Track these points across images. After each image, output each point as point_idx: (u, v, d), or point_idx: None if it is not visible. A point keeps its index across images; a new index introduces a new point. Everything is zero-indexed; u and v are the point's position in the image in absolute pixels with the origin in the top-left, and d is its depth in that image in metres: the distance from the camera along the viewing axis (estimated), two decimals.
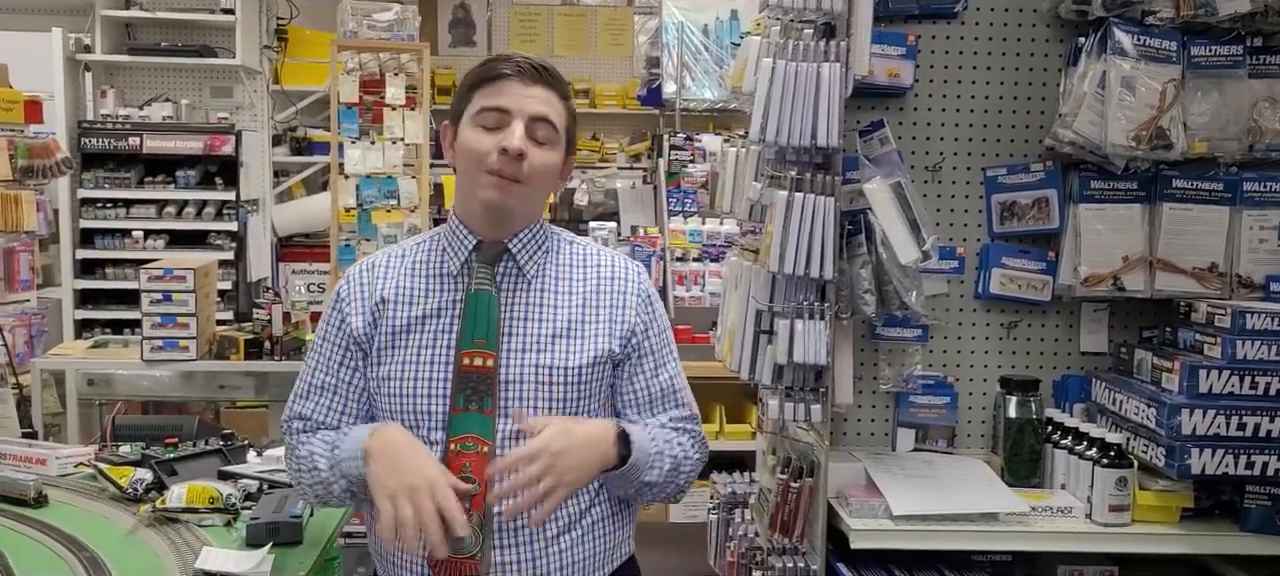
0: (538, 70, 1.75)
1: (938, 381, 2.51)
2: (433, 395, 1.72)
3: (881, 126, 2.42)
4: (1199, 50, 2.34)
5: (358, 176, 4.06)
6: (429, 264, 1.79)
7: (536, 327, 1.75)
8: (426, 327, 1.75)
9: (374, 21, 4.16)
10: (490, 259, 1.76)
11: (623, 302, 1.81)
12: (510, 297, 1.76)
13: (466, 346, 1.71)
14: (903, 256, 2.29)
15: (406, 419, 1.73)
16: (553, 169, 1.77)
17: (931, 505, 2.23)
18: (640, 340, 1.82)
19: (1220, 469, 2.14)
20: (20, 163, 4.08)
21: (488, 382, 1.70)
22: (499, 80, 1.73)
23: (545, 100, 1.75)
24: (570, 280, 1.80)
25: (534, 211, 1.81)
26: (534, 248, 1.80)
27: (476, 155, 1.71)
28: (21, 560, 2.00)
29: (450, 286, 1.77)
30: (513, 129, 1.70)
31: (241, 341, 4.06)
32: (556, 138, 1.76)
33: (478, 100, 1.74)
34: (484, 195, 1.72)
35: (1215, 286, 2.39)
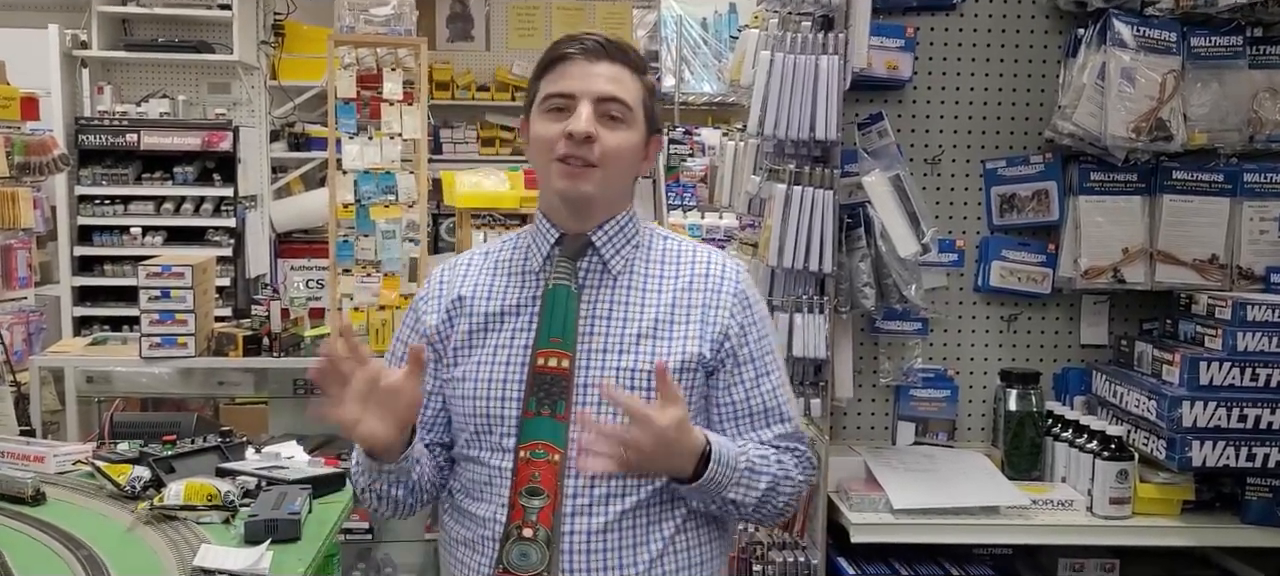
0: (603, 45, 1.61)
1: (938, 375, 2.50)
2: (506, 398, 1.59)
3: (880, 119, 2.41)
4: (1199, 41, 2.33)
5: (356, 172, 4.04)
6: (513, 261, 1.69)
7: (620, 327, 1.61)
8: (504, 326, 1.63)
9: (371, 16, 4.14)
10: (572, 253, 1.63)
11: (716, 302, 1.63)
12: (593, 295, 1.62)
13: (542, 346, 1.57)
14: (902, 249, 2.29)
15: (478, 423, 1.61)
16: (630, 150, 1.61)
17: (932, 499, 2.22)
18: (736, 345, 1.63)
19: (1221, 461, 2.14)
20: (17, 159, 4.07)
21: (562, 385, 1.55)
22: (562, 62, 1.61)
23: (613, 77, 1.60)
24: (660, 277, 1.65)
25: (618, 200, 1.65)
26: (621, 241, 1.65)
27: (545, 144, 1.59)
28: (20, 558, 2.00)
29: (532, 283, 1.65)
30: (578, 112, 1.57)
31: (240, 338, 4.04)
32: (631, 115, 1.60)
33: (543, 87, 1.62)
34: (557, 185, 1.59)
35: (1216, 278, 2.39)
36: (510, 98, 7.47)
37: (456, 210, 4.25)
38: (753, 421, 1.64)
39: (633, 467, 1.47)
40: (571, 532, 1.54)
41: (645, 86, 1.65)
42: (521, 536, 1.50)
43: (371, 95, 4.12)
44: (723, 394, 1.64)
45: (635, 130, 1.62)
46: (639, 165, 1.65)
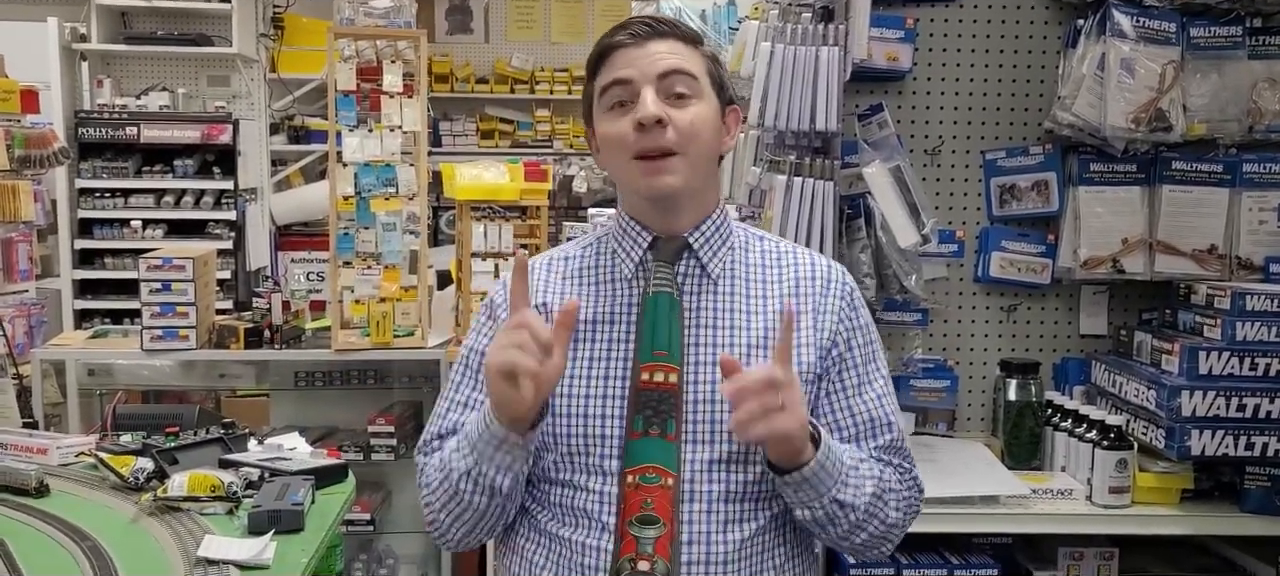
0: (651, 25, 1.48)
1: (937, 365, 2.51)
2: (606, 416, 1.44)
3: (880, 110, 2.42)
4: (1198, 31, 2.34)
5: (356, 164, 4.04)
6: (598, 267, 1.54)
7: (728, 338, 1.47)
8: (597, 337, 1.48)
9: (371, 8, 4.14)
10: (669, 257, 1.48)
11: (824, 305, 1.51)
12: (694, 303, 1.48)
13: (646, 359, 1.42)
14: (902, 240, 2.30)
15: (573, 443, 1.46)
16: (707, 124, 1.46)
17: (932, 488, 2.21)
18: (843, 351, 1.51)
19: (1220, 450, 2.14)
20: (17, 153, 4.07)
21: (671, 402, 1.40)
22: (612, 53, 1.48)
23: (670, 51, 1.46)
24: (763, 282, 1.52)
25: (706, 189, 1.51)
26: (718, 242, 1.51)
27: (616, 144, 1.45)
28: (24, 549, 2.00)
29: (624, 290, 1.50)
30: (643, 97, 1.43)
31: (241, 330, 4.05)
32: (698, 86, 1.47)
33: (599, 83, 1.49)
34: (639, 186, 1.45)
35: (1215, 268, 2.39)
36: (509, 90, 7.47)
37: (457, 202, 4.25)
38: (857, 432, 1.52)
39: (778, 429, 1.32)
40: (690, 562, 1.40)
41: (707, 55, 1.52)
42: (637, 570, 1.34)
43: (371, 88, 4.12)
44: (823, 403, 1.52)
45: (707, 102, 1.48)
46: (720, 141, 1.50)
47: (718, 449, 1.43)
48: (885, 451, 1.52)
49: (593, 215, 5.38)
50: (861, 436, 1.51)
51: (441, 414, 1.56)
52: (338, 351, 3.90)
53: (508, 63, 7.54)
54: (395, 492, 4.07)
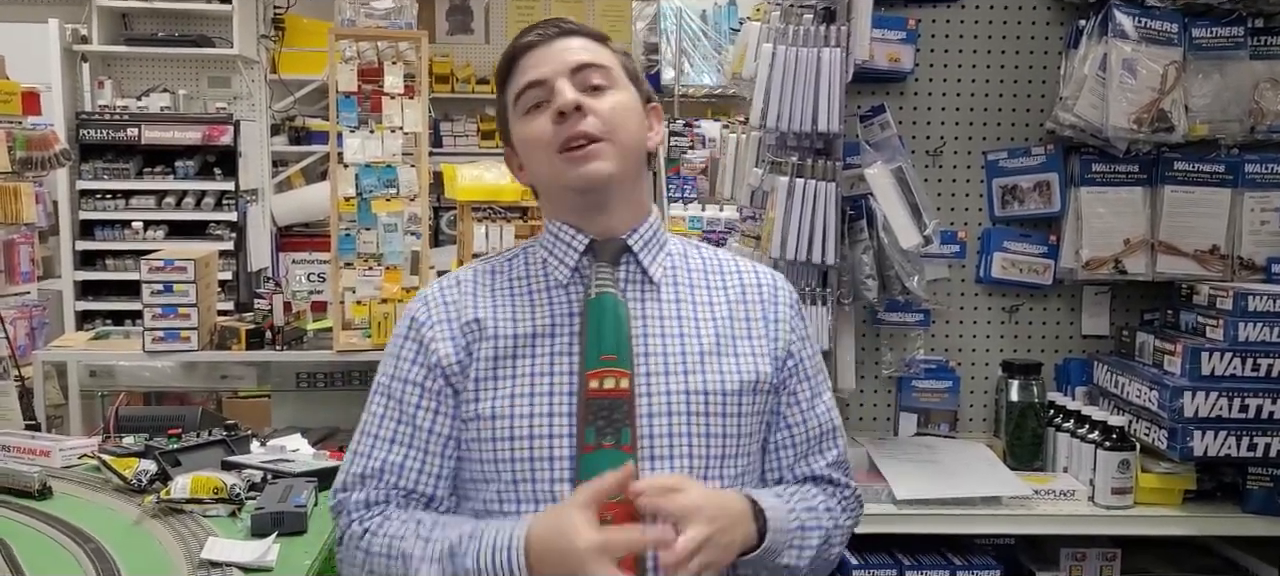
0: (558, 24, 1.44)
1: (939, 366, 2.51)
2: (553, 436, 1.35)
3: (882, 111, 2.42)
4: (1200, 32, 2.34)
5: (357, 165, 4.04)
6: (529, 277, 1.45)
7: (678, 344, 1.40)
8: (538, 350, 1.38)
9: (372, 9, 4.14)
10: (610, 258, 1.42)
11: (775, 314, 1.47)
12: (639, 309, 1.41)
13: (593, 365, 1.33)
14: (904, 241, 2.30)
15: (519, 470, 1.35)
16: (629, 110, 1.41)
17: (934, 489, 2.23)
18: (797, 361, 1.47)
19: (1222, 451, 2.14)
20: (19, 154, 4.07)
21: (624, 409, 1.32)
22: (521, 56, 1.43)
23: (581, 47, 1.42)
24: (708, 288, 1.46)
25: (637, 185, 1.45)
26: (656, 247, 1.46)
27: (537, 144, 1.39)
28: (27, 551, 2.00)
29: (561, 298, 1.42)
30: (557, 89, 1.38)
31: (243, 331, 4.05)
32: (613, 76, 1.42)
33: (510, 92, 1.44)
34: (570, 176, 1.38)
35: (1217, 269, 2.39)
36: None
37: (458, 203, 4.25)
38: (809, 446, 1.49)
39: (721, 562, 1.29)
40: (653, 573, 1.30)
41: (618, 51, 1.47)
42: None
43: (372, 89, 4.13)
44: (780, 417, 1.48)
45: (626, 92, 1.43)
46: (645, 134, 1.45)
47: (677, 465, 1.36)
48: (834, 467, 1.51)
49: None
50: (813, 451, 1.49)
51: (364, 452, 1.43)
52: (339, 352, 3.90)
53: None
54: None
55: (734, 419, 1.40)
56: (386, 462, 1.41)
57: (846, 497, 1.53)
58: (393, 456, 1.41)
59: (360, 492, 1.41)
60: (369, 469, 1.42)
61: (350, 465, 1.44)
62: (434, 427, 1.41)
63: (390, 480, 1.40)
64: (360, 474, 1.42)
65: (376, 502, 1.40)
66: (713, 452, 1.39)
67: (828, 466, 1.51)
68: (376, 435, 1.43)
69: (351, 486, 1.43)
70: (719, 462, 1.39)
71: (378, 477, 1.41)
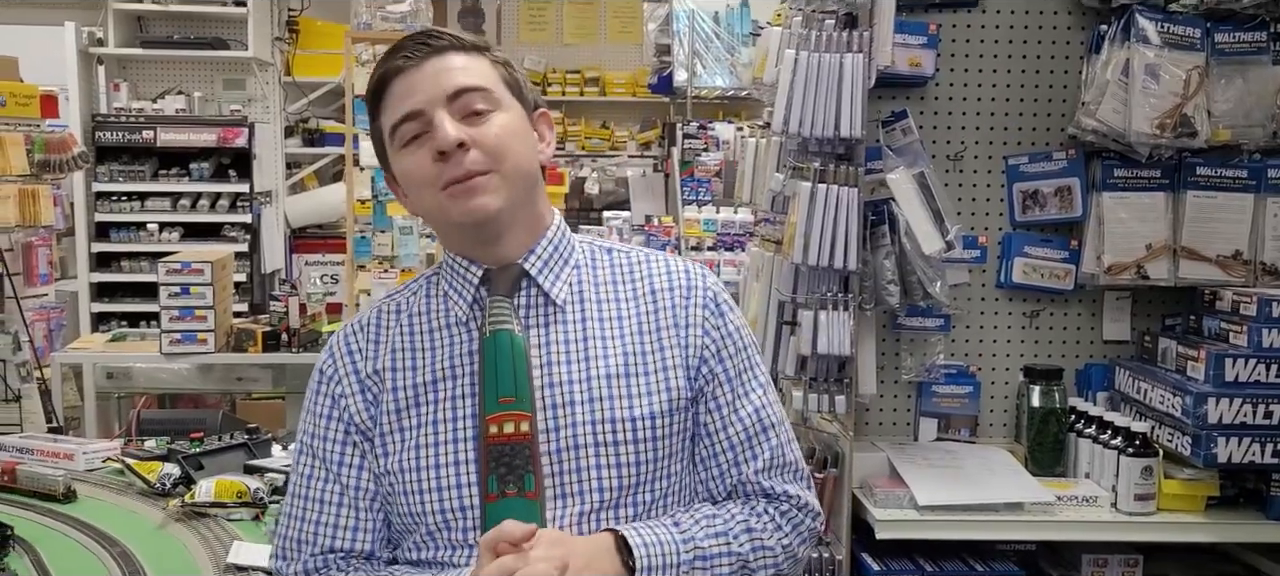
0: (427, 41, 1.32)
1: (960, 371, 2.51)
2: (462, 485, 1.30)
3: (904, 116, 2.42)
4: (1223, 37, 2.33)
5: (373, 168, 4.06)
6: (431, 313, 1.38)
7: (583, 370, 1.32)
8: (439, 395, 1.33)
9: (388, 12, 4.16)
10: (505, 289, 1.33)
11: (685, 318, 1.37)
12: (542, 337, 1.34)
13: (491, 409, 1.26)
14: (926, 246, 2.30)
15: (431, 521, 1.31)
16: (515, 133, 1.32)
17: (956, 495, 2.23)
18: (713, 366, 1.37)
19: (1247, 457, 2.14)
20: (37, 157, 4.09)
21: (526, 454, 1.25)
22: (391, 82, 1.32)
23: (454, 68, 1.31)
24: (617, 300, 1.38)
25: (535, 206, 1.37)
26: (558, 263, 1.37)
27: (422, 181, 1.30)
28: (54, 555, 2.01)
29: (461, 337, 1.35)
30: (437, 122, 1.28)
31: (259, 333, 4.07)
32: (495, 98, 1.32)
33: (386, 122, 1.33)
34: (457, 216, 1.30)
35: (1239, 274, 2.39)
36: None
37: None
38: (735, 453, 1.38)
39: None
40: None
41: (498, 62, 1.37)
42: None
43: None
44: (703, 426, 1.38)
45: (510, 110, 1.33)
46: (535, 149, 1.36)
47: (588, 499, 1.31)
48: (767, 473, 1.39)
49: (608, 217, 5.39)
50: (741, 459, 1.38)
51: (297, 515, 1.38)
52: None
53: (520, 64, 7.54)
54: None
55: (647, 444, 1.33)
56: (320, 524, 1.36)
57: (784, 511, 1.40)
58: (325, 517, 1.36)
59: (297, 562, 1.37)
60: (303, 534, 1.37)
61: (285, 529, 1.39)
62: (360, 483, 1.36)
63: (325, 542, 1.36)
64: (296, 539, 1.37)
65: (315, 570, 1.36)
66: (625, 481, 1.32)
67: (758, 472, 1.38)
68: (306, 496, 1.38)
69: (289, 554, 1.37)
70: (632, 491, 1.33)
71: (312, 542, 1.36)
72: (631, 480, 1.32)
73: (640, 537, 1.29)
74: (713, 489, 1.41)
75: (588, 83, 7.49)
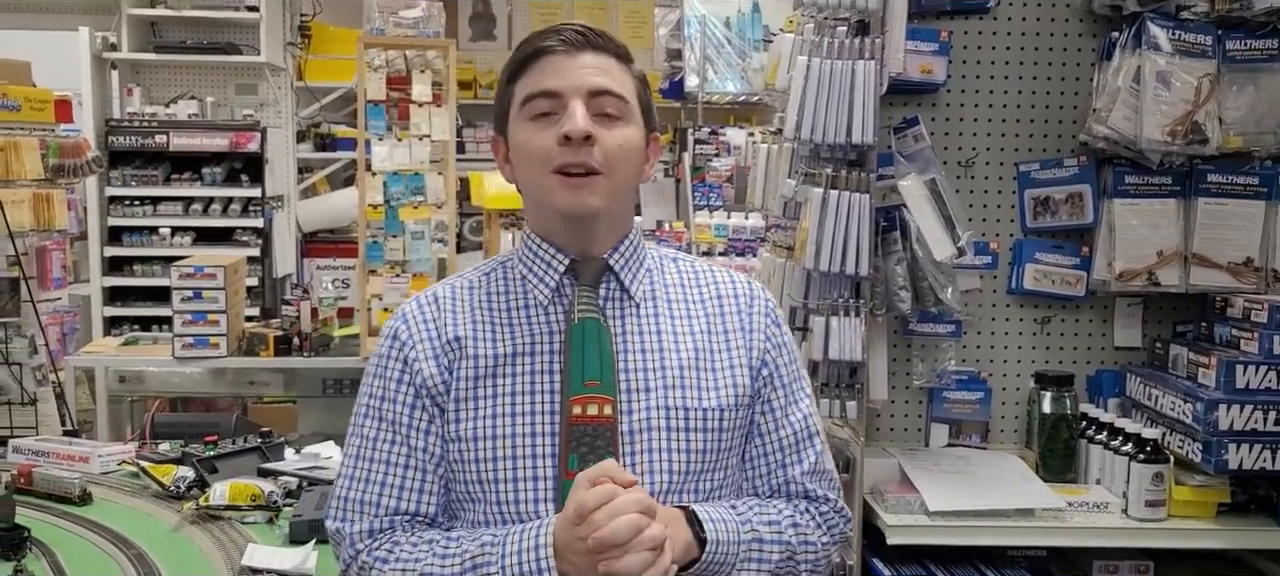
0: (585, 34, 1.40)
1: (971, 377, 2.51)
2: (537, 457, 1.35)
3: (915, 123, 2.43)
4: (1234, 44, 2.33)
5: (385, 173, 4.08)
6: (508, 293, 1.44)
7: (657, 360, 1.40)
8: (517, 370, 1.38)
9: (400, 19, 4.18)
10: (591, 280, 1.41)
11: (750, 324, 1.47)
12: (619, 327, 1.41)
13: (576, 391, 1.34)
14: (938, 253, 2.30)
15: (502, 492, 1.36)
16: (633, 149, 1.40)
17: (967, 501, 2.23)
18: (772, 370, 1.46)
19: (1258, 464, 2.14)
20: (52, 162, 4.12)
21: (607, 436, 1.33)
22: (540, 58, 1.39)
23: (602, 68, 1.39)
24: (686, 301, 1.46)
25: (626, 212, 1.46)
26: (636, 264, 1.46)
27: (536, 156, 1.37)
28: (71, 557, 2.03)
29: (541, 317, 1.41)
30: (572, 110, 1.35)
31: (271, 338, 4.09)
32: (628, 110, 1.40)
33: (520, 90, 1.40)
34: (559, 202, 1.37)
35: (1251, 281, 2.39)
36: None
37: (485, 211, 4.28)
38: (783, 454, 1.47)
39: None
40: None
41: (636, 77, 1.45)
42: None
43: (400, 97, 4.16)
44: (756, 425, 1.47)
45: (635, 127, 1.41)
46: (641, 171, 1.44)
47: (657, 480, 1.37)
48: (811, 476, 1.48)
49: None
50: (788, 460, 1.47)
51: (361, 476, 1.40)
52: (366, 359, 3.92)
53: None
54: None
55: (714, 433, 1.41)
56: (386, 485, 1.39)
57: (824, 513, 1.49)
58: (391, 479, 1.39)
59: (361, 522, 1.39)
60: (367, 495, 1.39)
61: (346, 491, 1.41)
62: (427, 447, 1.39)
63: (390, 504, 1.39)
64: (359, 500, 1.39)
65: (380, 531, 1.38)
66: (692, 467, 1.39)
67: (803, 475, 1.47)
68: (372, 458, 1.40)
69: (351, 515, 1.40)
70: (695, 477, 1.40)
71: (377, 504, 1.39)
72: (697, 466, 1.40)
73: (708, 514, 1.37)
74: (758, 486, 1.49)
75: None
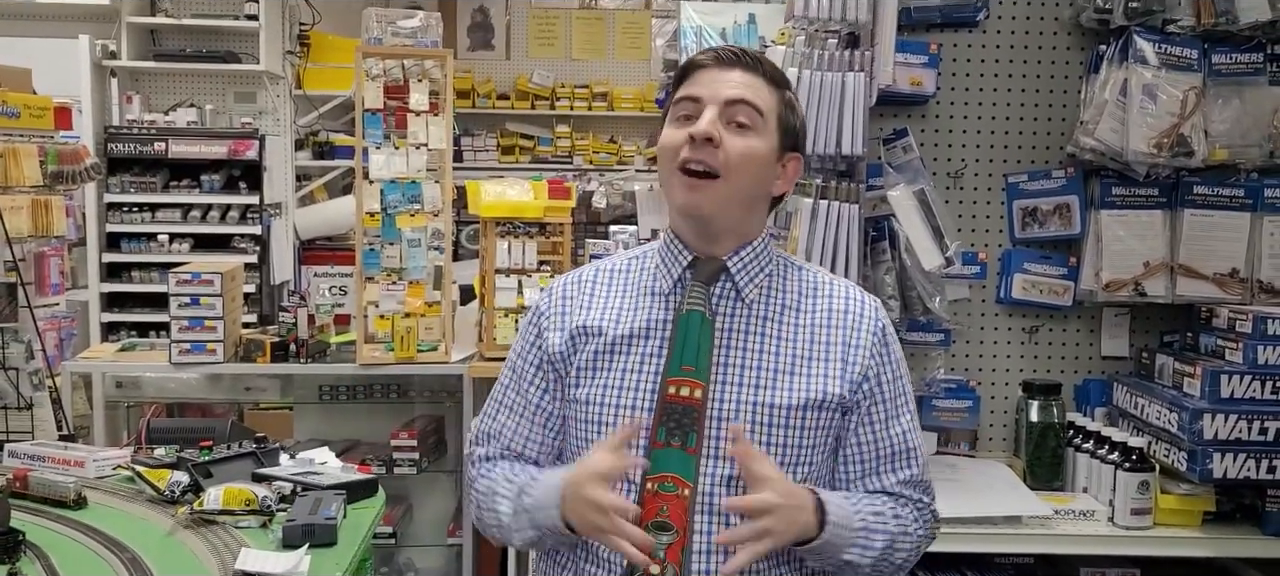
0: (738, 55, 1.54)
1: (960, 385, 2.54)
2: None
3: (905, 134, 2.45)
4: (1220, 58, 2.36)
5: (382, 181, 4.09)
6: (641, 280, 1.61)
7: (755, 360, 1.53)
8: (633, 349, 1.55)
9: (398, 28, 4.19)
10: (706, 277, 1.54)
11: (856, 339, 1.55)
12: (726, 324, 1.54)
13: (674, 373, 1.49)
14: (926, 262, 2.33)
15: None
16: (756, 160, 1.50)
17: (955, 508, 2.25)
18: (873, 386, 1.55)
19: (1242, 473, 2.16)
20: (51, 168, 4.13)
21: (693, 416, 1.48)
22: (695, 71, 1.55)
23: (745, 83, 1.52)
24: (797, 310, 1.57)
25: (747, 220, 1.56)
26: (756, 269, 1.57)
27: (668, 150, 1.52)
28: (64, 560, 2.05)
29: (661, 305, 1.57)
30: (703, 114, 1.49)
31: (268, 344, 4.10)
32: (761, 122, 1.51)
33: (677, 92, 1.56)
34: (676, 198, 1.52)
35: (1236, 292, 2.41)
36: (530, 106, 7.54)
37: (481, 219, 4.30)
38: (879, 465, 1.56)
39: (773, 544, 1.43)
40: (700, 572, 1.46)
41: (783, 100, 1.56)
42: (648, 573, 1.43)
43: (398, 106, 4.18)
44: (850, 435, 1.56)
45: (764, 139, 1.52)
46: (769, 181, 1.55)
47: (735, 465, 1.48)
48: (908, 486, 1.58)
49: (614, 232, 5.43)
50: (883, 470, 1.57)
51: (490, 414, 1.69)
52: (362, 366, 3.94)
53: (528, 79, 7.60)
54: (417, 506, 4.11)
55: (796, 431, 1.52)
56: (502, 426, 1.66)
57: (920, 510, 1.59)
58: (507, 422, 1.66)
59: (482, 448, 1.69)
60: (489, 429, 1.68)
61: (479, 423, 1.71)
62: (541, 403, 1.62)
63: (503, 441, 1.66)
64: (485, 432, 1.69)
65: (491, 458, 1.67)
66: (773, 460, 1.49)
67: (899, 483, 1.57)
68: (500, 401, 1.68)
69: (478, 441, 1.70)
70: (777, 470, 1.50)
71: (494, 437, 1.67)
72: (777, 459, 1.50)
73: (827, 498, 1.49)
74: (852, 488, 1.59)
75: (596, 97, 7.54)
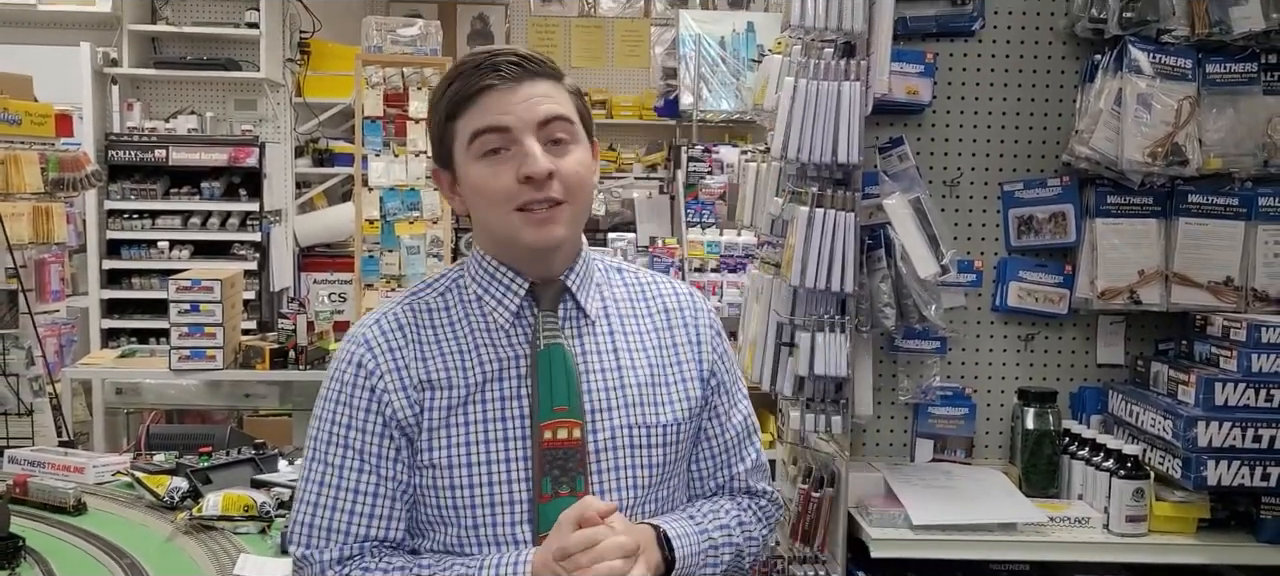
0: (520, 64, 1.39)
1: (956, 393, 2.55)
2: (512, 481, 1.39)
3: (900, 143, 2.47)
4: (1214, 68, 2.38)
5: (381, 188, 4.12)
6: (468, 317, 1.45)
7: (617, 378, 1.46)
8: (488, 396, 1.41)
9: (398, 36, 4.23)
10: (551, 304, 1.45)
11: (697, 336, 1.53)
12: (578, 347, 1.45)
13: (546, 417, 1.39)
14: (922, 270, 2.34)
15: (479, 515, 1.39)
16: (588, 170, 1.43)
17: (951, 515, 2.26)
18: (720, 377, 1.54)
19: (1236, 480, 2.17)
20: (51, 175, 4.15)
21: (577, 459, 1.39)
22: (481, 95, 1.39)
23: (546, 94, 1.40)
24: (636, 315, 1.52)
25: (581, 232, 1.48)
26: (587, 280, 1.49)
27: (497, 196, 1.38)
28: (64, 566, 2.06)
29: (505, 340, 1.43)
30: (527, 149, 1.36)
31: (267, 350, 4.12)
32: (575, 131, 1.42)
33: (464, 127, 1.40)
34: (528, 240, 1.39)
35: (1231, 300, 2.42)
36: None
37: None
38: (728, 454, 1.56)
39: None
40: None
41: (573, 92, 1.46)
42: None
43: (397, 113, 4.21)
44: (703, 430, 1.55)
45: (583, 145, 1.43)
46: (594, 182, 1.48)
47: (624, 495, 1.44)
48: (753, 473, 1.59)
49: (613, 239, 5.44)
50: (732, 460, 1.57)
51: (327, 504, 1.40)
52: None
53: None
54: None
55: (673, 447, 1.49)
56: (354, 513, 1.40)
57: (763, 506, 1.60)
58: (360, 506, 1.40)
59: (330, 549, 1.40)
60: (336, 522, 1.40)
61: (312, 517, 1.41)
62: (396, 475, 1.41)
63: (359, 531, 1.40)
64: (327, 527, 1.40)
65: (350, 557, 1.40)
66: (653, 480, 1.47)
67: (747, 472, 1.58)
68: (339, 485, 1.40)
69: (318, 542, 1.40)
70: (655, 488, 1.48)
71: (346, 531, 1.40)
72: (657, 478, 1.47)
73: (674, 530, 1.45)
74: (705, 486, 1.58)
75: (595, 105, 7.56)
